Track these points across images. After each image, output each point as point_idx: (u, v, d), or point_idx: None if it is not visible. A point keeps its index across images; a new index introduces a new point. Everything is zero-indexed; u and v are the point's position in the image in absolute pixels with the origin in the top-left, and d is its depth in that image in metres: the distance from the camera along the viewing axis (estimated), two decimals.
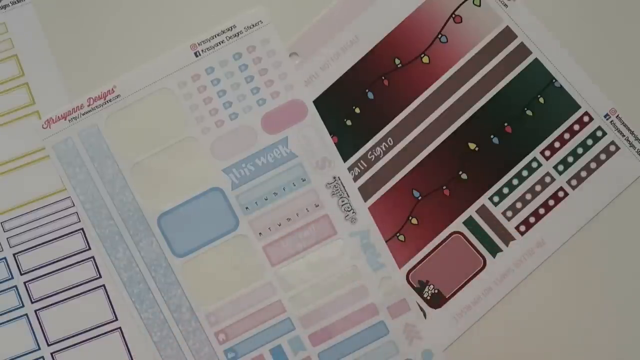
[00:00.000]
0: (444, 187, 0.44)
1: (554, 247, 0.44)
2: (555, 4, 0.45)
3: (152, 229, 0.44)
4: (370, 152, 0.45)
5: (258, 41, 0.45)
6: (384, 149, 0.45)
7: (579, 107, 0.44)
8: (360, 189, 0.44)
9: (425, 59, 0.45)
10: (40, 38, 0.46)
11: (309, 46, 0.45)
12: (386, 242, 0.44)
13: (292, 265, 0.43)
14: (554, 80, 0.45)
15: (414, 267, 0.44)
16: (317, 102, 0.45)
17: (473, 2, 0.45)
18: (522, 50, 0.45)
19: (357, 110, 0.45)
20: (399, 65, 0.45)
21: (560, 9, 0.45)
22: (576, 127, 0.44)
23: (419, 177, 0.44)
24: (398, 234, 0.44)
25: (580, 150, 0.44)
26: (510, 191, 0.44)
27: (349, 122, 0.45)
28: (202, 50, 0.45)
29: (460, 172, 0.44)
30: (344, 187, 0.44)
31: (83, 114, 0.44)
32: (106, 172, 0.44)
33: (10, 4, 0.46)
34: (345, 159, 0.45)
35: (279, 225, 0.44)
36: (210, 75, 0.45)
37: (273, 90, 0.45)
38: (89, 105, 0.44)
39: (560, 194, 0.44)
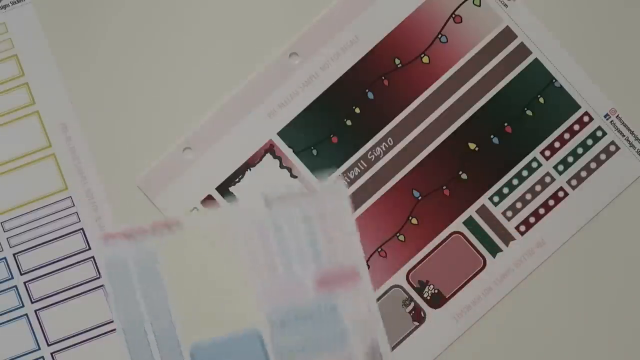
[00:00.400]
0: (444, 187, 0.44)
1: (554, 247, 0.44)
2: (555, 4, 0.45)
3: (184, 357, 0.43)
4: (370, 152, 0.45)
5: (327, 199, 0.44)
6: (384, 149, 0.45)
7: (579, 107, 0.44)
8: (360, 189, 0.44)
9: (425, 59, 0.45)
10: (40, 38, 0.46)
11: (309, 46, 0.45)
12: (386, 242, 0.44)
13: None
14: (554, 80, 0.45)
15: (414, 267, 0.44)
16: (317, 102, 0.45)
17: (473, 2, 0.45)
18: (522, 50, 0.45)
19: (357, 110, 0.45)
20: (399, 65, 0.45)
21: (560, 9, 0.45)
22: (576, 127, 0.44)
23: (419, 177, 0.44)
24: (398, 234, 0.44)
25: (580, 150, 0.44)
26: (510, 191, 0.44)
27: (349, 122, 0.45)
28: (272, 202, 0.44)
29: (460, 172, 0.44)
30: (381, 356, 0.43)
31: (143, 236, 0.43)
32: (152, 295, 0.43)
33: (10, 4, 0.46)
34: (345, 159, 0.45)
35: None
36: (274, 226, 0.44)
37: (332, 250, 0.43)
38: (150, 229, 0.44)
39: (560, 194, 0.44)
